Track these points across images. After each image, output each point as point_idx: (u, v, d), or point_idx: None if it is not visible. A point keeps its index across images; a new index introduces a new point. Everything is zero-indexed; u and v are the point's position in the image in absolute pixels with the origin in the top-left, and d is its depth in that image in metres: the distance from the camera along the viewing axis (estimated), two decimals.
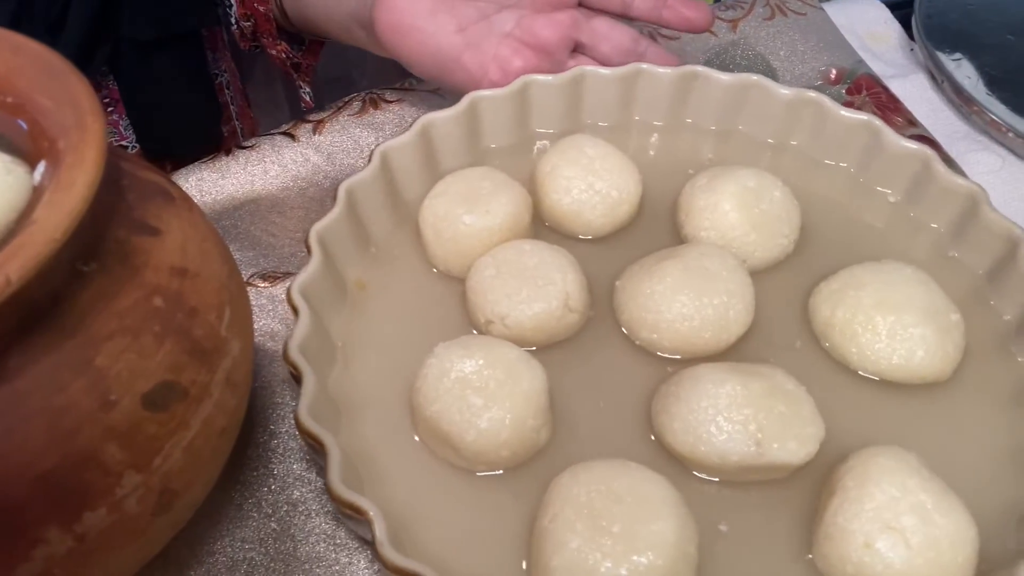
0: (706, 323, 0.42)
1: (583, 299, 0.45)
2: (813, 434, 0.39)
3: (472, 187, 0.47)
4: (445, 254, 0.47)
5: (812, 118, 0.52)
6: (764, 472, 0.39)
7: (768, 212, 0.47)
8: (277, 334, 0.50)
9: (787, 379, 0.40)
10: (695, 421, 0.38)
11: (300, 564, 0.41)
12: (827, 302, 0.44)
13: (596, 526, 0.34)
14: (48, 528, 0.29)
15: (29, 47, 0.31)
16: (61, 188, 0.27)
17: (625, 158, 0.49)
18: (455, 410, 0.38)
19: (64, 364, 0.28)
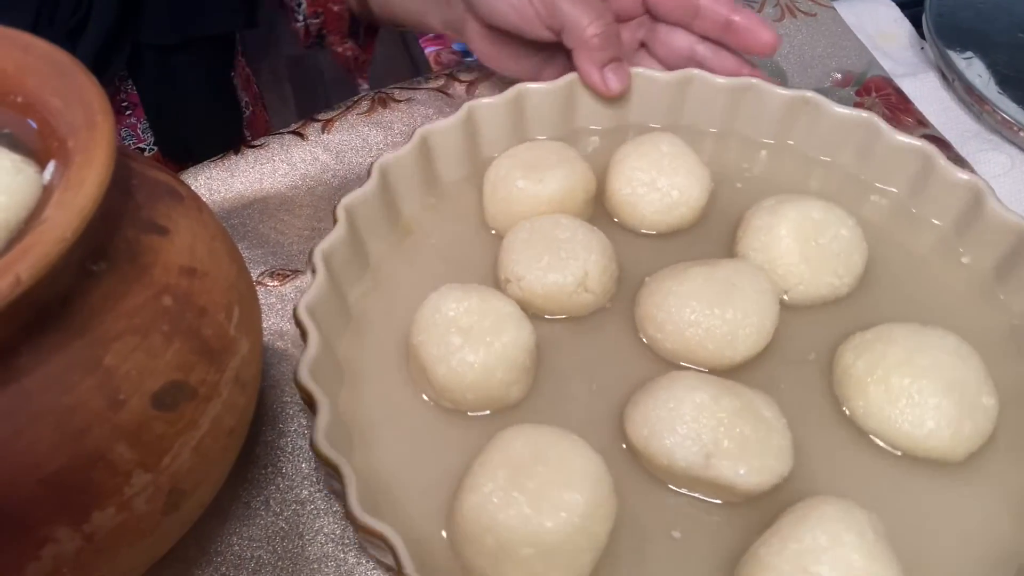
0: (711, 334, 0.42)
1: (602, 283, 0.45)
2: (771, 467, 0.38)
3: (539, 156, 0.49)
4: (495, 212, 0.49)
5: (863, 138, 0.51)
6: (715, 489, 0.39)
7: (826, 248, 0.45)
8: (286, 333, 0.50)
9: (769, 408, 0.39)
10: (655, 417, 0.39)
11: (308, 563, 0.41)
12: (853, 350, 0.42)
13: (514, 479, 0.36)
14: (57, 527, 0.29)
15: (39, 46, 0.31)
16: (71, 187, 0.27)
17: (699, 163, 0.49)
18: (435, 343, 0.41)
19: (73, 364, 0.28)
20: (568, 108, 0.54)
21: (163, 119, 0.66)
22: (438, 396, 0.42)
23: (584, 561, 0.36)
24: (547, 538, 0.35)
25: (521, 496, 0.35)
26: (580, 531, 0.35)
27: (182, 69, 0.64)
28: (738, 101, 0.53)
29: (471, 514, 0.36)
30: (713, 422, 0.38)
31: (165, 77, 0.64)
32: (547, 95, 0.53)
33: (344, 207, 0.45)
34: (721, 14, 0.52)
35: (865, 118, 0.50)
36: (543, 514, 0.35)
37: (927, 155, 0.48)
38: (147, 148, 0.68)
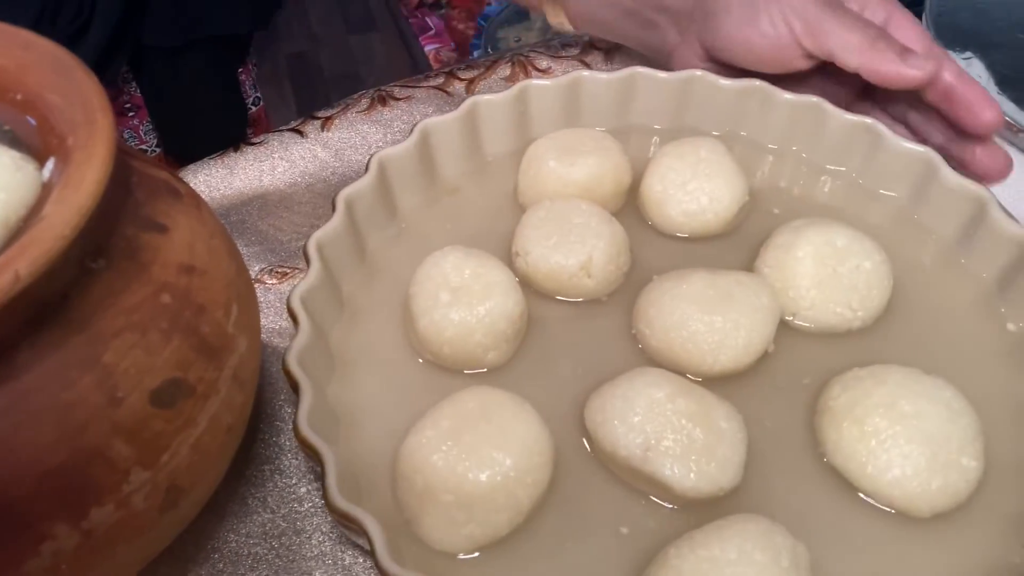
0: (694, 339, 0.42)
1: (606, 272, 0.46)
2: (710, 475, 0.37)
3: (578, 142, 0.50)
4: (525, 189, 0.51)
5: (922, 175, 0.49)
6: (652, 486, 0.39)
7: (844, 278, 0.44)
8: (284, 330, 0.50)
9: (729, 420, 0.39)
10: (608, 406, 0.39)
11: (305, 561, 0.42)
12: (841, 383, 0.41)
13: (454, 430, 0.37)
14: (56, 524, 0.29)
15: (39, 44, 0.31)
16: (70, 185, 0.27)
17: (737, 174, 0.49)
18: (425, 296, 0.43)
19: (72, 361, 0.28)
20: (624, 102, 0.54)
21: (167, 120, 0.66)
22: (419, 346, 0.44)
23: (500, 520, 0.37)
24: (467, 488, 0.36)
25: (455, 446, 0.37)
26: (501, 490, 0.36)
27: (186, 70, 0.64)
28: (799, 120, 0.52)
29: (408, 453, 0.38)
30: (661, 419, 0.38)
31: (169, 78, 0.64)
32: (604, 86, 0.53)
33: (343, 198, 0.46)
34: (945, 80, 0.48)
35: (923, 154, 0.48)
36: (467, 465, 0.36)
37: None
38: (149, 150, 0.68)
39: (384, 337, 0.45)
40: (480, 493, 0.36)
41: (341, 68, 1.90)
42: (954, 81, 0.48)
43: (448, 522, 0.37)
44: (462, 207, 0.52)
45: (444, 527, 0.37)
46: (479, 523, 0.37)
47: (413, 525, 0.38)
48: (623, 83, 0.54)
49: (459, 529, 0.37)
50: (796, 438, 0.42)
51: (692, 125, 0.55)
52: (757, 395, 0.43)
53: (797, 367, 0.44)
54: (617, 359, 0.44)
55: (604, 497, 0.40)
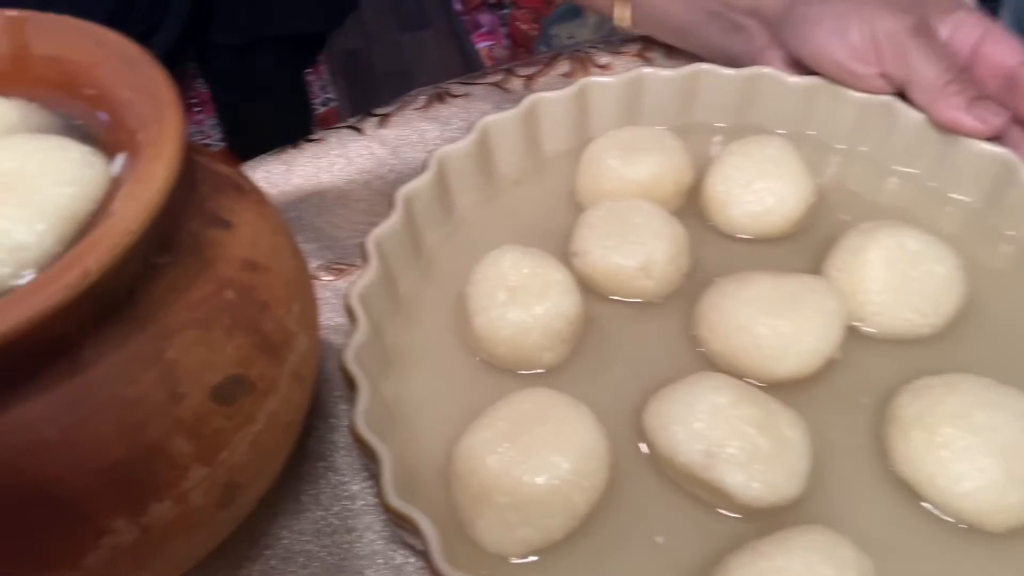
0: (759, 344, 0.41)
1: (666, 274, 0.45)
2: (775, 484, 0.36)
3: (639, 140, 0.50)
4: (583, 187, 0.50)
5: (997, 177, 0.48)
6: (714, 494, 0.37)
7: (915, 282, 0.42)
8: (340, 327, 0.50)
9: (794, 428, 0.38)
10: (668, 410, 0.38)
11: (356, 559, 0.41)
12: (912, 391, 0.39)
13: (510, 431, 0.37)
14: (116, 518, 0.29)
15: (111, 39, 0.31)
16: (139, 180, 0.27)
17: (804, 174, 0.48)
18: (482, 294, 0.42)
19: (136, 356, 0.28)
20: (687, 99, 0.53)
21: (231, 116, 0.67)
22: (475, 346, 0.43)
23: (555, 524, 0.36)
24: (523, 491, 0.35)
25: (512, 448, 0.36)
26: (557, 495, 0.36)
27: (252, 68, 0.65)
28: (869, 119, 0.51)
29: (463, 454, 0.37)
30: (724, 426, 0.37)
31: (235, 75, 0.64)
32: (666, 83, 0.52)
33: (403, 195, 0.46)
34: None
35: (1001, 155, 0.47)
36: (523, 468, 0.36)
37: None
38: (213, 144, 0.69)
39: (439, 335, 0.45)
40: (536, 496, 0.35)
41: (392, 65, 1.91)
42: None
43: (502, 524, 0.36)
44: (519, 205, 0.51)
45: (498, 529, 0.36)
46: (534, 526, 0.36)
47: (467, 526, 0.37)
48: (686, 80, 0.53)
49: (513, 532, 0.36)
50: (861, 447, 0.40)
51: (757, 123, 0.54)
52: (821, 402, 0.41)
53: (864, 374, 0.43)
54: (676, 362, 0.43)
55: (661, 503, 0.39)
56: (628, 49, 0.66)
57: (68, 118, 0.32)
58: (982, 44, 0.49)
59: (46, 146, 0.28)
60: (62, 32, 0.32)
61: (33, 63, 0.32)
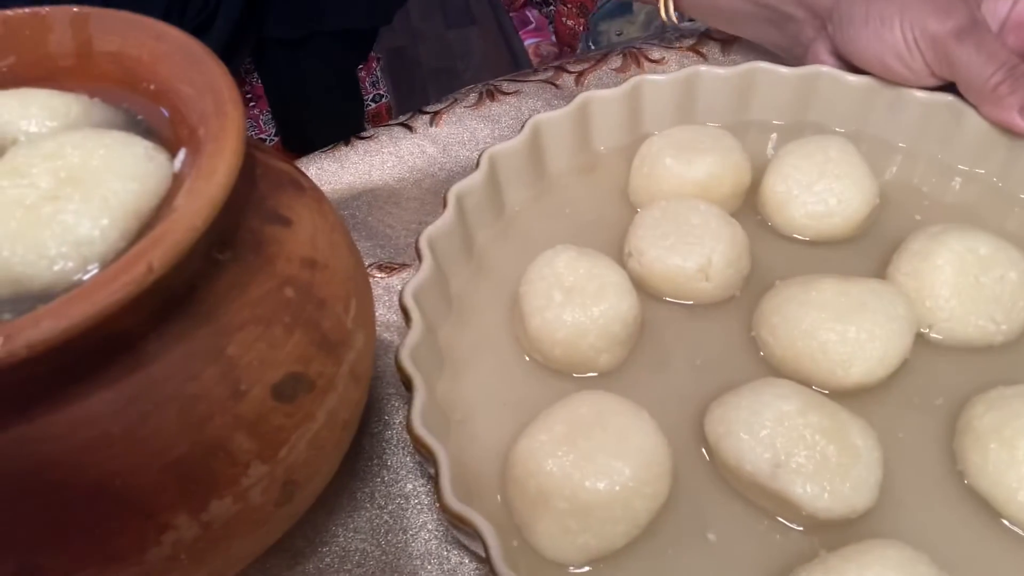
0: (825, 350, 0.39)
1: (725, 276, 0.44)
2: (845, 495, 0.35)
3: (696, 139, 0.49)
4: (638, 187, 0.49)
5: None
6: (780, 504, 0.36)
7: (987, 288, 0.41)
8: (392, 324, 0.50)
9: (864, 437, 0.37)
10: (734, 416, 0.37)
11: (411, 559, 0.41)
12: (986, 402, 0.38)
13: (569, 435, 0.36)
14: (177, 514, 0.29)
15: (171, 35, 0.31)
16: (202, 176, 0.27)
17: (868, 175, 0.47)
18: (537, 295, 0.42)
19: (197, 352, 0.28)
20: (743, 97, 0.53)
21: (285, 111, 0.67)
22: (529, 347, 0.43)
23: (616, 532, 0.36)
24: (583, 497, 0.35)
25: (571, 452, 0.35)
26: (618, 501, 0.35)
27: (306, 64, 0.65)
28: (932, 118, 0.50)
29: (521, 457, 0.37)
30: (793, 434, 0.36)
31: (289, 71, 0.64)
32: (722, 81, 0.51)
33: (454, 193, 0.45)
34: None
35: None
36: (584, 473, 0.35)
37: None
38: (268, 139, 0.70)
39: (492, 335, 0.45)
40: (597, 502, 0.35)
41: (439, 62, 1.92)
42: None
43: (562, 530, 0.35)
44: (571, 204, 0.51)
45: (557, 535, 0.36)
46: (594, 534, 0.35)
47: (524, 531, 0.37)
48: (742, 78, 0.52)
49: (573, 539, 0.35)
50: (933, 459, 0.39)
51: (815, 122, 0.53)
52: (890, 411, 0.40)
53: (933, 383, 0.41)
54: (736, 367, 0.42)
55: (724, 513, 0.38)
56: (682, 43, 0.65)
57: (129, 113, 0.32)
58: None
59: (109, 141, 0.29)
60: (124, 28, 0.32)
61: (95, 58, 0.32)
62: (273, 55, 0.63)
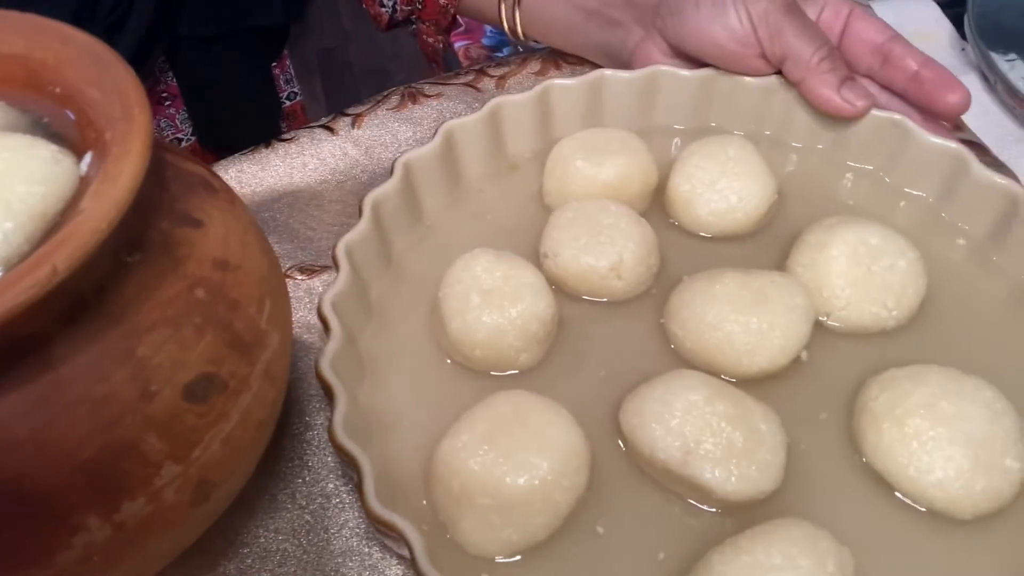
0: (730, 340, 0.42)
1: (636, 273, 0.45)
2: (751, 478, 0.37)
3: (604, 142, 0.50)
4: (551, 190, 0.50)
5: (951, 172, 0.49)
6: (693, 490, 0.38)
7: (878, 276, 0.43)
8: (313, 326, 0.50)
9: (768, 422, 0.39)
10: (646, 409, 0.39)
11: (333, 557, 0.41)
12: (879, 384, 0.40)
13: (490, 433, 0.37)
14: (88, 516, 0.29)
15: (77, 38, 0.31)
16: (107, 179, 0.27)
17: (766, 172, 0.49)
18: (456, 298, 0.42)
19: (107, 354, 0.28)
20: (647, 102, 0.54)
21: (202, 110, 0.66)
22: (450, 349, 0.43)
23: (538, 524, 0.37)
24: (505, 492, 0.36)
25: (491, 450, 0.37)
26: (538, 494, 0.36)
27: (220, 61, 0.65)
28: (824, 118, 0.52)
29: (444, 457, 0.38)
30: (700, 423, 0.38)
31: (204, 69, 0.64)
32: (627, 85, 0.53)
33: (370, 201, 0.46)
34: (910, 66, 0.50)
35: (954, 150, 0.48)
36: (504, 470, 0.36)
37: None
38: (184, 139, 0.69)
39: (413, 340, 0.45)
40: (518, 497, 0.36)
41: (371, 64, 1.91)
42: (919, 67, 0.50)
43: (486, 526, 0.36)
44: (487, 208, 0.52)
45: (481, 531, 0.37)
46: (516, 527, 0.36)
47: (449, 528, 0.38)
48: (646, 82, 0.53)
49: (497, 533, 0.36)
50: (833, 440, 0.41)
51: (715, 124, 0.55)
52: (792, 396, 0.42)
53: (832, 368, 0.43)
54: (649, 360, 0.44)
55: (641, 500, 0.39)
56: None
57: (35, 116, 0.32)
58: (850, 23, 0.52)
59: (14, 144, 0.28)
60: (28, 30, 0.31)
61: None
62: (187, 53, 0.63)
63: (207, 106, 0.67)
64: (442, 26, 0.69)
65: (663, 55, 0.55)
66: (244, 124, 0.69)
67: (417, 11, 0.69)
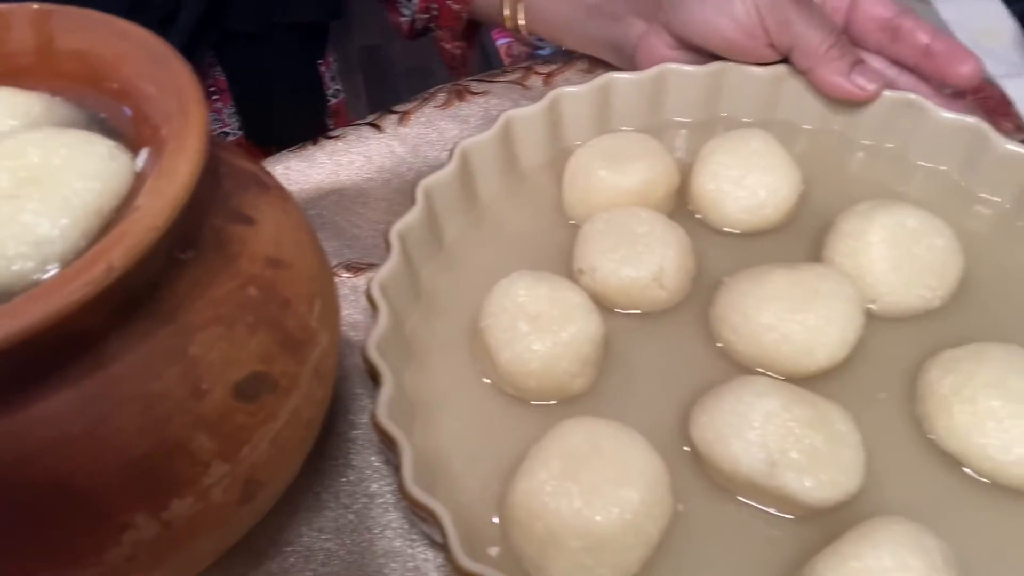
0: (789, 340, 0.40)
1: (678, 280, 0.44)
2: (840, 482, 0.36)
3: (623, 147, 0.48)
4: (574, 202, 0.49)
5: (969, 145, 0.49)
6: (778, 500, 0.37)
7: (920, 258, 0.43)
8: (359, 324, 0.50)
9: (844, 421, 0.38)
10: (721, 421, 0.38)
11: (375, 557, 0.41)
12: (941, 367, 0.40)
13: (568, 469, 0.35)
14: (137, 514, 0.29)
15: (135, 33, 0.31)
16: (163, 176, 0.27)
17: (790, 163, 0.48)
18: (502, 327, 0.40)
19: (159, 352, 0.28)
20: (656, 100, 0.53)
21: (249, 105, 0.67)
22: (501, 381, 0.42)
23: (633, 558, 0.35)
24: (596, 531, 0.34)
25: (574, 487, 0.35)
26: (631, 528, 0.35)
27: (268, 56, 0.65)
28: (840, 100, 0.51)
29: (523, 499, 0.36)
30: (782, 430, 0.36)
31: (253, 64, 0.64)
32: (635, 85, 0.52)
33: (423, 188, 0.45)
34: (920, 40, 0.50)
35: (972, 124, 0.48)
36: (594, 508, 0.34)
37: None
38: (231, 133, 0.69)
39: (461, 328, 0.44)
40: (610, 535, 0.34)
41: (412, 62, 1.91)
42: (929, 40, 0.49)
43: (578, 568, 0.35)
44: (496, 230, 0.50)
45: (574, 574, 0.35)
46: (611, 566, 0.35)
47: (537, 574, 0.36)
48: (654, 81, 0.52)
49: (590, 574, 0.35)
50: (900, 428, 0.40)
51: (726, 115, 0.54)
52: (851, 389, 0.41)
53: (884, 354, 0.43)
54: (704, 368, 0.43)
55: (721, 514, 0.38)
56: None
57: (92, 112, 0.32)
58: (857, 1, 0.51)
59: (71, 140, 0.28)
60: (86, 26, 0.31)
61: (57, 56, 0.32)
62: (236, 48, 0.63)
63: (255, 101, 0.67)
64: (457, 31, 0.69)
65: (668, 48, 0.54)
66: (291, 120, 0.70)
67: (434, 18, 0.69)
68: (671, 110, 0.54)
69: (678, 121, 0.54)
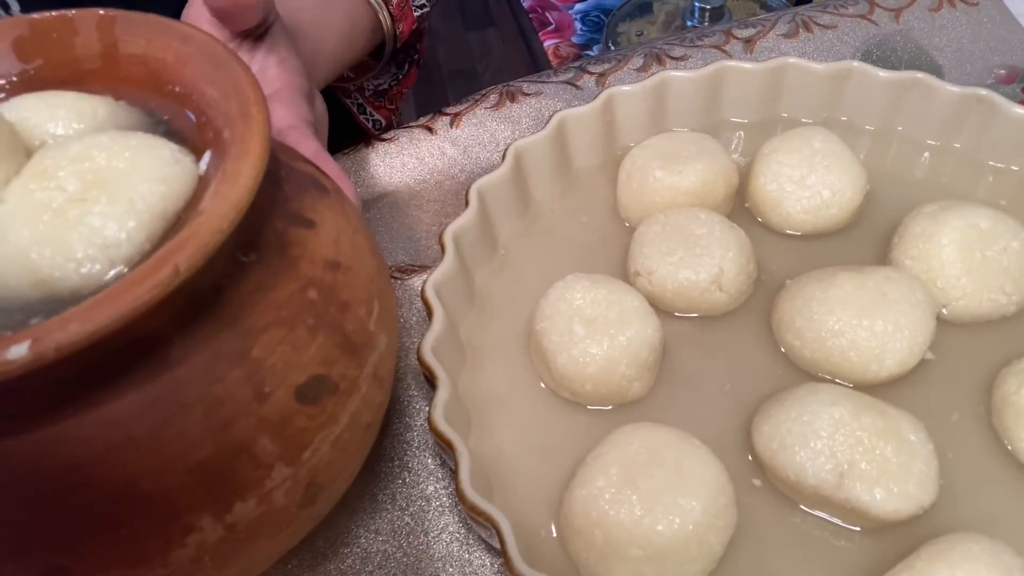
0: (856, 346, 0.39)
1: (738, 283, 0.43)
2: (911, 494, 0.35)
3: (679, 147, 0.47)
4: (629, 202, 0.48)
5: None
6: (846, 512, 0.36)
7: (993, 261, 0.42)
8: (413, 327, 0.50)
9: (915, 431, 0.36)
10: (786, 430, 0.36)
11: (432, 561, 0.41)
12: (1017, 376, 0.39)
13: (628, 477, 0.35)
14: (201, 516, 0.29)
15: (196, 37, 0.31)
16: (227, 179, 0.27)
17: (855, 162, 0.46)
18: (558, 331, 0.40)
19: (222, 354, 0.28)
20: (712, 99, 0.52)
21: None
22: (556, 385, 0.41)
23: (695, 570, 0.35)
24: (657, 541, 0.34)
25: (634, 496, 0.34)
26: (693, 539, 0.34)
27: None
28: (901, 97, 0.50)
29: (581, 507, 0.35)
30: (851, 440, 0.35)
31: None
32: (691, 84, 0.51)
33: (477, 189, 0.45)
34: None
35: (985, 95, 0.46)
36: (656, 517, 0.34)
37: None
38: None
39: (516, 331, 0.44)
40: (671, 545, 0.34)
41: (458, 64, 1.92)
42: None
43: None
44: (551, 231, 0.49)
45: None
46: (672, 575, 0.34)
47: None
48: (711, 79, 0.51)
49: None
50: (975, 439, 0.39)
51: (786, 115, 0.53)
52: (919, 397, 0.40)
53: (957, 362, 0.41)
54: (765, 375, 0.42)
55: (786, 526, 0.37)
56: (703, 42, 0.65)
57: (155, 116, 0.32)
58: None
59: (135, 143, 0.29)
60: (149, 30, 0.32)
61: (121, 61, 0.32)
62: None
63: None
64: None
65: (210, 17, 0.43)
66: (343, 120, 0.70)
67: None
68: (728, 109, 0.53)
69: (735, 121, 0.53)
